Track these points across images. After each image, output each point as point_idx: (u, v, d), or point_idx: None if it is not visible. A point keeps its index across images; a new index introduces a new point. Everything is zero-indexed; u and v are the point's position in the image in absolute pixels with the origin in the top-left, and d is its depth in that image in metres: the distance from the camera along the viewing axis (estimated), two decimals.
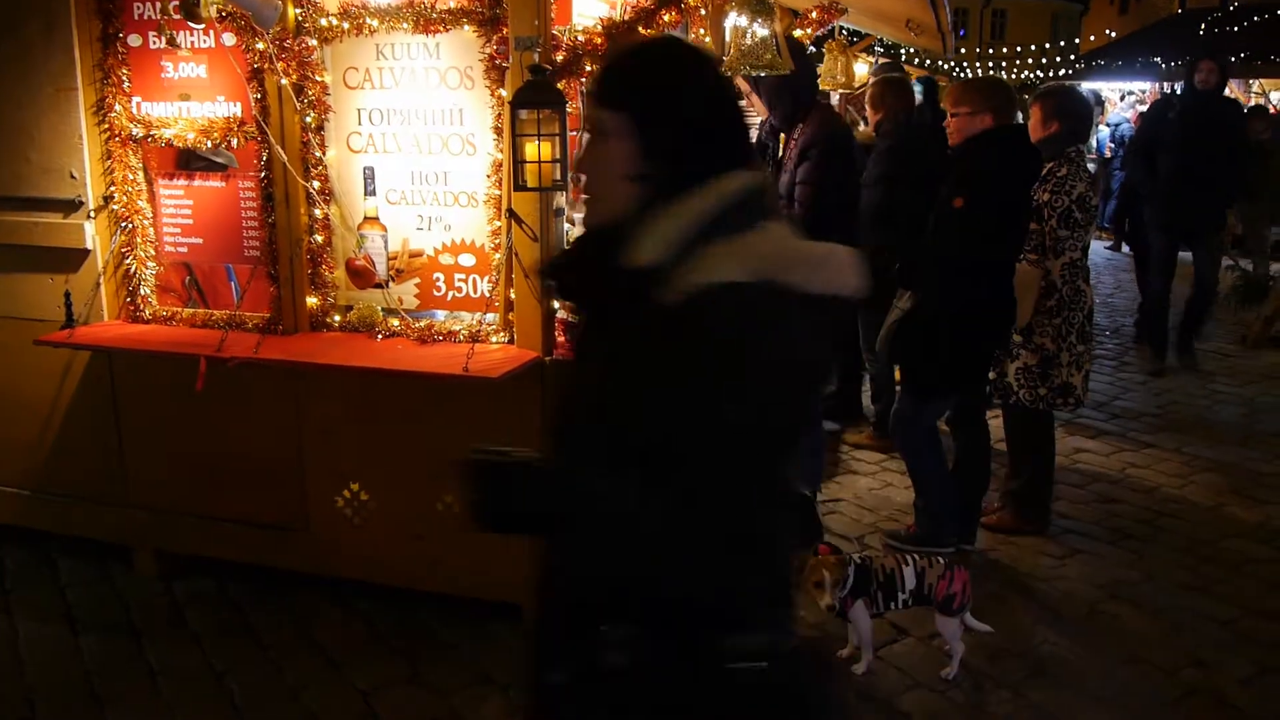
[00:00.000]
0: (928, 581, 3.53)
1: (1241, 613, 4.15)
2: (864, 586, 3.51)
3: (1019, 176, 4.21)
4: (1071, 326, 4.48)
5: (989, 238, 4.13)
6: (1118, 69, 18.27)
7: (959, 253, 4.12)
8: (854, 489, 5.32)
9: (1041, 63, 34.37)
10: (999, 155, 4.15)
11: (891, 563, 3.59)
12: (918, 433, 4.44)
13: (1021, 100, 5.54)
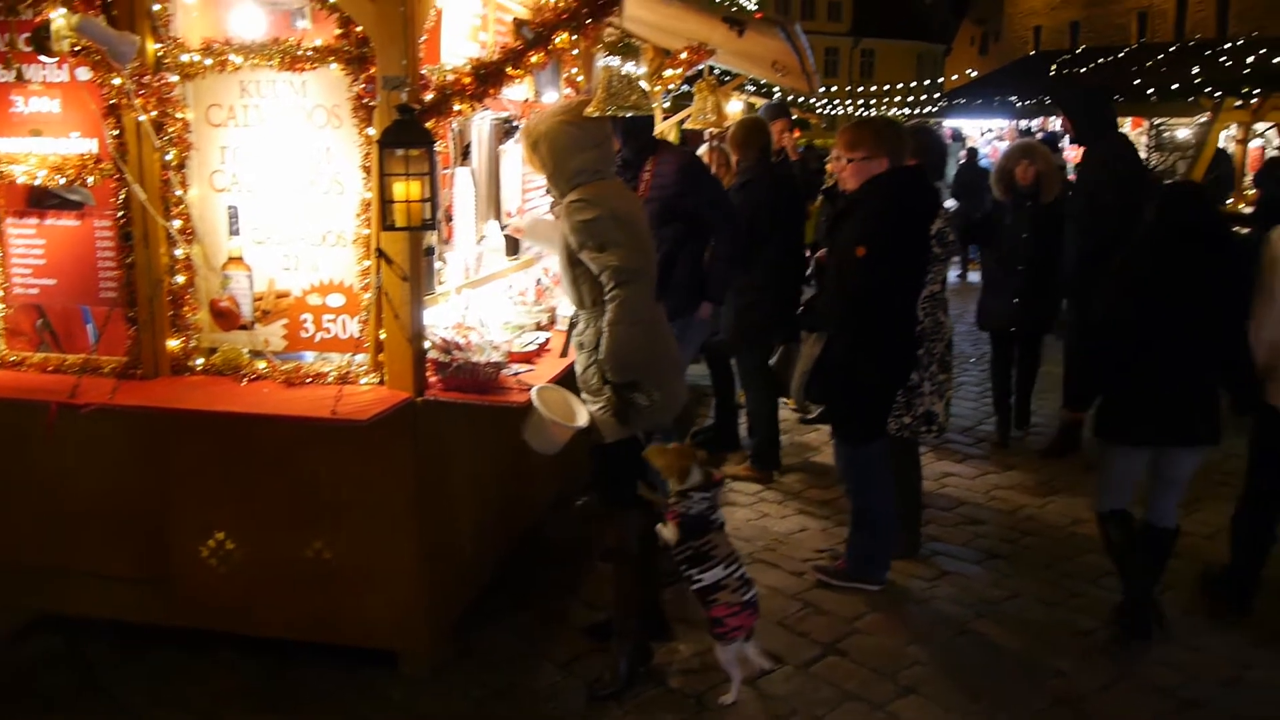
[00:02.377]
0: (725, 588, 3.54)
1: (1098, 624, 4.33)
2: (698, 527, 3.53)
3: (920, 216, 4.30)
4: (933, 356, 4.64)
5: (896, 278, 4.22)
6: (978, 107, 19.12)
7: (870, 296, 4.19)
8: (732, 520, 5.36)
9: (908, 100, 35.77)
10: (900, 197, 4.23)
11: (725, 552, 3.59)
12: (864, 474, 4.49)
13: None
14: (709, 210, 4.83)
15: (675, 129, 7.50)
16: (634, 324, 3.45)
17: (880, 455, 4.47)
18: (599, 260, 3.43)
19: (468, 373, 3.73)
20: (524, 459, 3.98)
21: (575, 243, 3.49)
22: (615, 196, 3.62)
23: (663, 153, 4.82)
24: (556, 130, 3.56)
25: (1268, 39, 11.10)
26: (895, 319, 4.29)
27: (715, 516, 3.58)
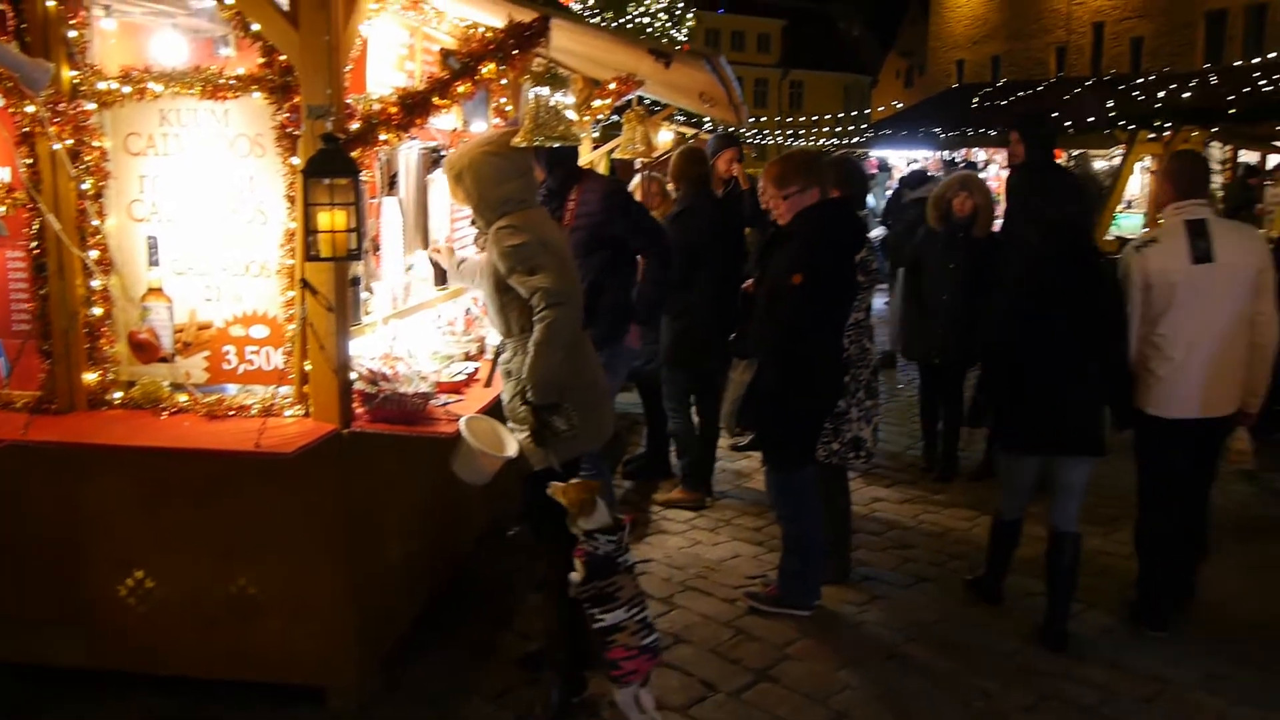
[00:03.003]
0: (624, 630, 3.50)
1: (1021, 644, 4.41)
2: (604, 568, 3.50)
3: (848, 247, 4.40)
4: (859, 383, 4.71)
5: (828, 308, 4.33)
6: (903, 138, 19.54)
7: (801, 325, 4.26)
8: (664, 548, 5.39)
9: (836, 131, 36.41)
10: (831, 228, 4.33)
11: (629, 594, 3.54)
12: (794, 500, 4.53)
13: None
14: (635, 236, 4.85)
15: (605, 159, 7.54)
16: (559, 346, 3.47)
17: (810, 482, 4.52)
18: (529, 284, 3.45)
19: (395, 404, 3.70)
20: (454, 489, 3.94)
21: (504, 268, 3.50)
22: (541, 224, 3.67)
23: (587, 181, 4.84)
24: (481, 161, 3.57)
25: (1178, 75, 11.54)
26: (824, 347, 4.36)
27: (623, 559, 3.54)
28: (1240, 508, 6.21)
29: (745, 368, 4.37)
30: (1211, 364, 4.37)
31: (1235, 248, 4.36)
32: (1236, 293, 4.35)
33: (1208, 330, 4.35)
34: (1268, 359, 4.43)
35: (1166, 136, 10.27)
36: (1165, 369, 4.39)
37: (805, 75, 53.15)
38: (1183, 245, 4.33)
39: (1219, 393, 4.41)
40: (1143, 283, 4.40)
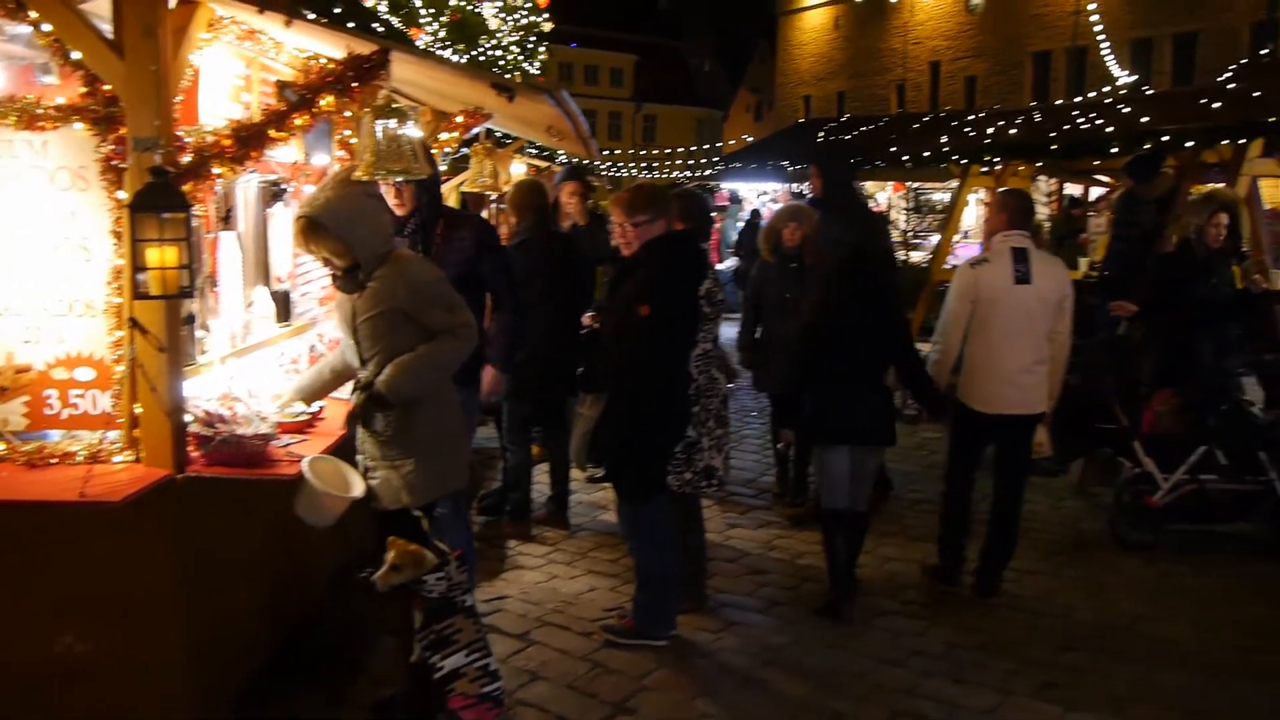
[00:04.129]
0: (463, 677, 3.45)
1: (874, 664, 4.53)
2: (442, 609, 3.45)
3: (693, 278, 4.48)
4: (709, 412, 4.77)
5: (675, 338, 4.39)
6: (753, 170, 20.03)
7: (649, 356, 4.29)
8: (520, 584, 5.33)
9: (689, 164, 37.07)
10: (677, 259, 4.40)
11: (469, 638, 3.50)
12: (647, 531, 4.54)
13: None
14: (495, 277, 4.81)
15: (455, 192, 7.48)
16: (440, 370, 3.55)
17: (662, 512, 4.55)
18: (447, 320, 3.51)
19: (233, 446, 3.57)
20: (301, 532, 3.81)
21: (419, 303, 3.52)
22: (426, 259, 3.74)
23: (452, 218, 4.78)
24: (356, 203, 3.52)
25: (1006, 112, 12.17)
26: (672, 377, 4.41)
27: (462, 598, 3.49)
28: (1072, 523, 6.54)
29: (593, 402, 4.38)
30: (1024, 370, 5.07)
31: (1048, 275, 5.10)
32: (1045, 312, 5.08)
33: (1022, 340, 5.06)
34: (1060, 370, 5.23)
35: (998, 170, 10.79)
36: (984, 370, 5.10)
37: (658, 109, 54.03)
38: (1008, 268, 5.02)
39: (1031, 394, 5.11)
40: (973, 296, 5.07)
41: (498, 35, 15.31)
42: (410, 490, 3.64)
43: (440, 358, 3.53)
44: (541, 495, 6.38)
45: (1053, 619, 5.05)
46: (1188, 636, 4.87)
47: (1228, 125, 6.86)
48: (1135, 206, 7.59)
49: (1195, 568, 5.73)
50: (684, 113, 54.83)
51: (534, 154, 10.62)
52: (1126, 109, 9.19)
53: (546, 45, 16.61)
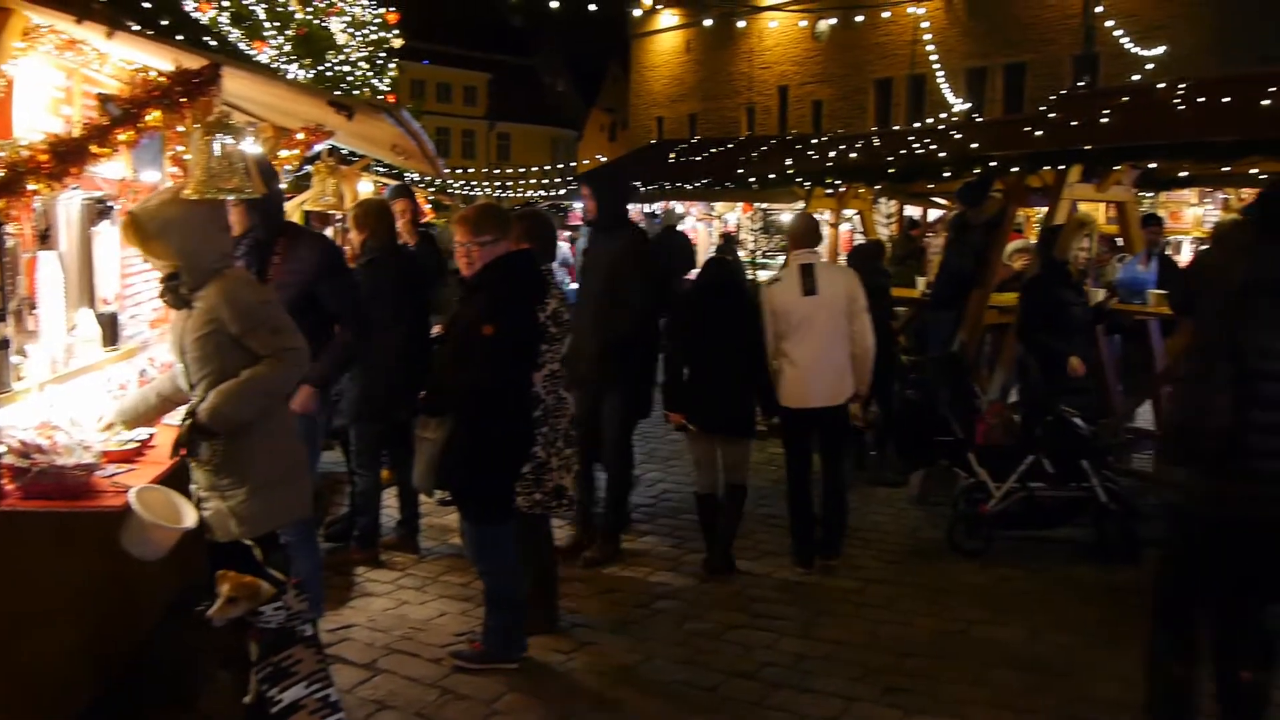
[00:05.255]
0: (303, 709, 3.34)
1: (725, 678, 4.59)
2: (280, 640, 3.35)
3: (536, 298, 4.48)
4: (558, 432, 4.76)
5: (519, 358, 4.35)
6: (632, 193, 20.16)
7: (493, 376, 4.25)
8: (368, 611, 5.20)
9: (544, 183, 37.09)
10: (520, 279, 4.39)
11: (310, 669, 3.40)
12: (495, 553, 4.48)
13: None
14: (337, 301, 4.67)
15: (298, 211, 7.28)
16: (265, 394, 3.41)
17: (510, 534, 4.51)
18: (273, 343, 3.38)
19: (53, 478, 3.38)
20: (131, 567, 3.62)
21: (242, 326, 3.39)
22: (256, 281, 3.60)
23: (295, 236, 4.63)
24: (189, 214, 3.38)
25: (847, 136, 12.63)
26: (518, 398, 4.39)
27: (302, 628, 3.39)
28: (912, 532, 6.78)
29: (436, 425, 4.32)
30: (822, 368, 5.81)
31: (832, 284, 5.86)
32: (835, 317, 5.83)
33: (817, 344, 5.80)
34: (867, 361, 5.94)
35: (841, 192, 11.17)
36: (791, 373, 5.82)
37: (512, 128, 53.90)
38: (797, 283, 5.79)
39: (834, 388, 5.88)
40: (771, 310, 5.85)
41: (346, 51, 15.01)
42: (242, 521, 3.51)
43: (263, 383, 3.40)
44: (391, 520, 6.25)
45: (894, 626, 5.22)
46: (1019, 638, 5.10)
47: (1049, 152, 7.27)
48: (966, 228, 7.97)
49: (1027, 571, 6.01)
50: (538, 132, 54.85)
51: (382, 172, 10.44)
52: (958, 135, 9.65)
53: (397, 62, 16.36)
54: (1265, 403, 3.30)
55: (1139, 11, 23.92)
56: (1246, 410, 3.30)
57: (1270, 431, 3.30)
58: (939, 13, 27.98)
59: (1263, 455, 3.31)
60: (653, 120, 39.50)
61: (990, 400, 7.09)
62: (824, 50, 32.65)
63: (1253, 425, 3.30)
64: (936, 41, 26.25)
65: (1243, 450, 3.32)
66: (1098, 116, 7.27)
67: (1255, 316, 3.34)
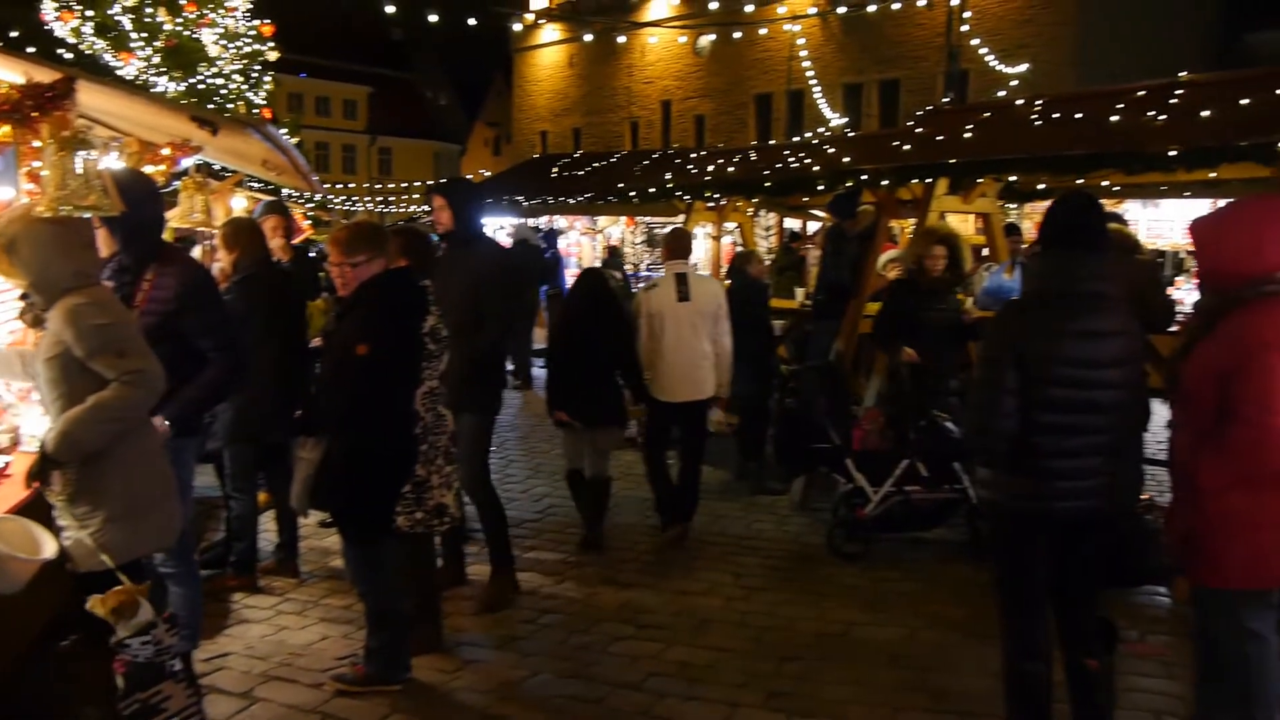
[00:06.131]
0: None
1: (611, 689, 4.61)
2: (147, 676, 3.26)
3: (415, 315, 4.40)
4: (437, 450, 4.71)
5: (396, 377, 4.29)
6: (490, 205, 20.06)
7: (369, 395, 4.19)
8: (245, 639, 5.06)
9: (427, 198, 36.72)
10: (395, 297, 4.32)
11: (180, 705, 3.30)
12: (375, 574, 4.40)
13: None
14: (204, 335, 4.45)
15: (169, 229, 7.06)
16: (115, 420, 3.29)
17: (390, 554, 4.46)
18: (119, 366, 3.26)
19: None
20: None
21: (86, 349, 3.26)
22: (116, 304, 3.48)
23: (167, 261, 4.42)
24: (40, 230, 3.25)
25: (726, 151, 12.84)
26: (395, 416, 4.34)
27: (170, 663, 3.29)
28: (794, 538, 6.91)
29: (313, 445, 4.25)
30: (693, 366, 6.56)
31: (703, 292, 6.65)
32: (705, 322, 6.60)
33: (688, 344, 6.53)
34: (726, 364, 6.71)
35: (722, 205, 11.34)
36: (663, 369, 6.52)
37: (394, 142, 53.24)
38: (672, 289, 6.52)
39: (700, 385, 6.62)
40: (648, 313, 6.53)
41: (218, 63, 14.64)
42: (103, 550, 3.39)
43: (110, 409, 3.26)
44: (270, 543, 6.10)
45: (777, 632, 5.32)
46: (897, 638, 5.25)
47: (916, 165, 7.53)
48: (842, 240, 8.18)
49: (904, 573, 6.19)
50: (421, 146, 54.30)
51: (257, 187, 10.19)
52: (831, 149, 9.90)
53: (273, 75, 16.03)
54: (1049, 406, 3.55)
55: (1003, 30, 25.01)
56: (1033, 413, 3.56)
57: (1056, 431, 3.56)
58: (815, 30, 28.76)
59: (1052, 454, 3.57)
60: (537, 134, 39.52)
61: (866, 407, 7.29)
62: (705, 65, 33.19)
63: (1040, 427, 3.56)
64: (813, 58, 26.96)
65: (1034, 450, 3.57)
66: (961, 132, 7.56)
67: (1034, 325, 3.60)
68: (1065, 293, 3.60)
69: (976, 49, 23.39)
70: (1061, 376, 3.55)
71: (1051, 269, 3.66)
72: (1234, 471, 3.33)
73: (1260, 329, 3.30)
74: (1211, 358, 3.39)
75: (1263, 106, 5.98)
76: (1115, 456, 3.71)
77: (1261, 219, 3.43)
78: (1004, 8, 25.27)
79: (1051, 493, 3.61)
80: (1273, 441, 3.25)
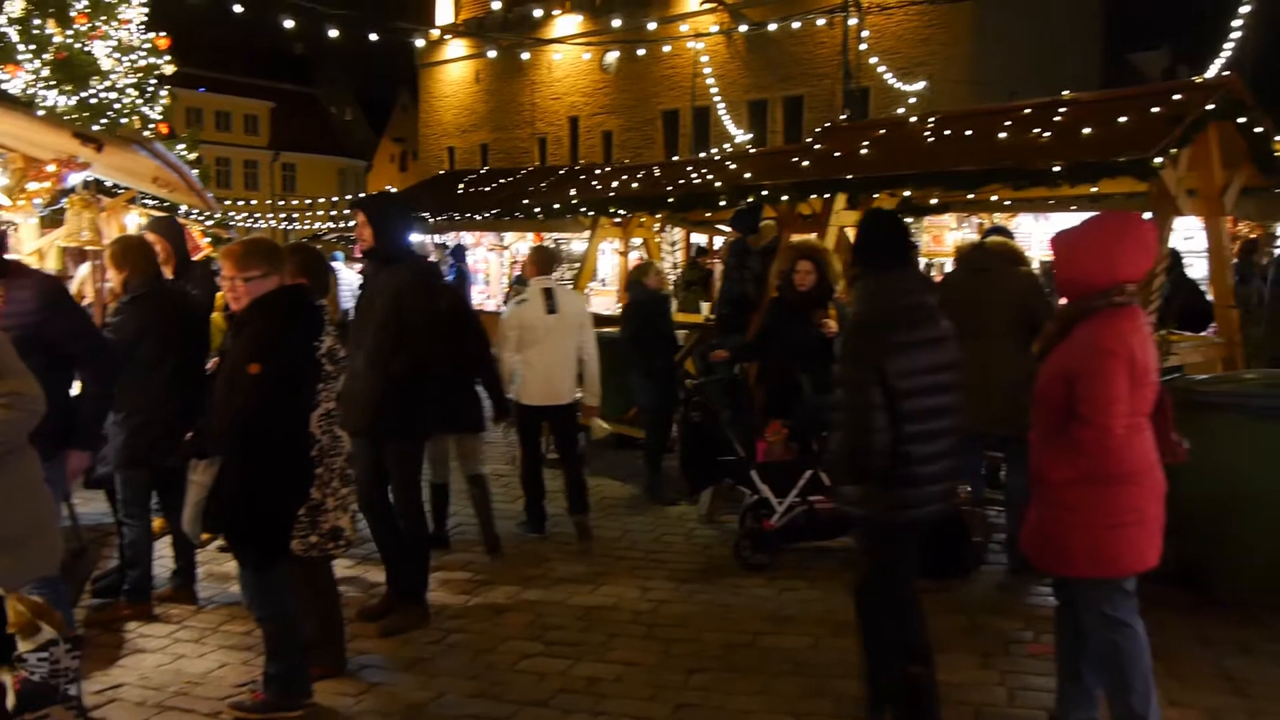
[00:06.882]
0: None
1: (518, 708, 4.59)
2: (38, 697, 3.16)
3: (310, 334, 4.36)
4: (333, 472, 4.66)
5: (290, 397, 4.22)
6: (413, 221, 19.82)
7: (263, 415, 4.11)
8: (140, 668, 4.92)
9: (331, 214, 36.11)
10: (290, 316, 4.26)
11: None
12: (272, 598, 4.32)
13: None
14: (72, 342, 4.38)
15: (56, 249, 6.84)
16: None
17: (288, 577, 4.38)
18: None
19: None
20: None
21: None
22: None
23: (17, 275, 4.33)
24: None
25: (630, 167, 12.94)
26: (290, 437, 4.27)
27: (65, 687, 3.19)
28: (702, 550, 6.97)
29: (205, 467, 4.16)
30: (558, 373, 7.00)
31: (569, 306, 7.11)
32: (571, 333, 7.03)
33: (553, 354, 6.97)
34: (594, 370, 7.17)
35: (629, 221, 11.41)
36: (532, 376, 6.94)
37: (298, 158, 52.32)
38: (541, 303, 6.92)
39: (561, 389, 7.05)
40: (518, 325, 6.94)
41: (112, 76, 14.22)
42: None
43: None
44: (166, 569, 5.94)
45: (685, 644, 5.35)
46: (801, 646, 5.32)
47: (815, 181, 7.68)
48: (744, 254, 8.30)
49: (809, 582, 6.28)
50: (325, 162, 53.46)
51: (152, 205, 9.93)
52: (733, 165, 10.05)
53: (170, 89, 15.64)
54: (912, 416, 3.79)
55: (901, 50, 25.67)
56: (900, 425, 3.78)
57: (921, 440, 3.81)
58: (720, 48, 29.14)
59: (920, 461, 3.82)
60: (444, 150, 39.23)
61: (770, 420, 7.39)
62: (612, 82, 33.36)
63: (908, 437, 3.78)
64: (718, 75, 27.29)
65: (905, 459, 3.79)
66: (858, 148, 7.74)
67: (885, 342, 3.83)
68: (900, 308, 3.87)
69: (875, 67, 23.97)
70: (918, 386, 3.80)
71: (882, 288, 3.93)
72: (1077, 468, 3.65)
73: (1105, 337, 3.65)
74: (1062, 362, 3.73)
75: (1139, 124, 6.26)
76: (958, 455, 4.03)
77: (1114, 235, 3.80)
78: (902, 27, 25.93)
79: (922, 499, 3.85)
80: (1111, 441, 3.60)
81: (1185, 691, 4.64)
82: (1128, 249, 3.75)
